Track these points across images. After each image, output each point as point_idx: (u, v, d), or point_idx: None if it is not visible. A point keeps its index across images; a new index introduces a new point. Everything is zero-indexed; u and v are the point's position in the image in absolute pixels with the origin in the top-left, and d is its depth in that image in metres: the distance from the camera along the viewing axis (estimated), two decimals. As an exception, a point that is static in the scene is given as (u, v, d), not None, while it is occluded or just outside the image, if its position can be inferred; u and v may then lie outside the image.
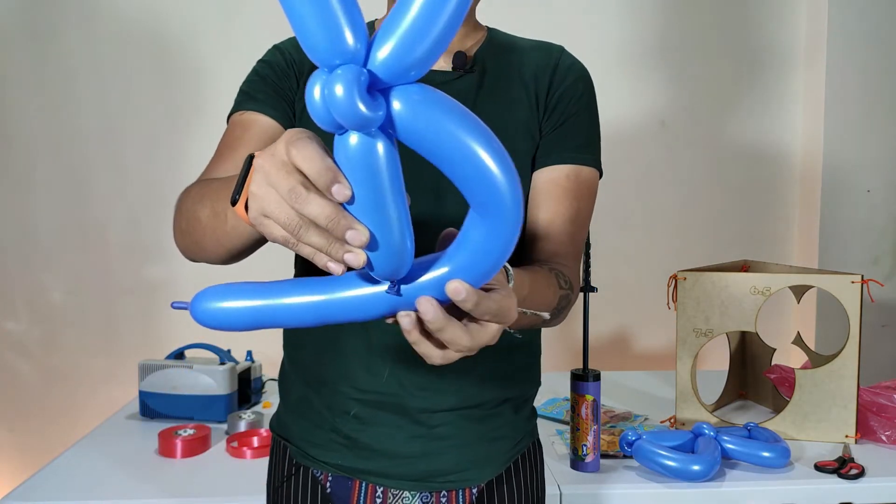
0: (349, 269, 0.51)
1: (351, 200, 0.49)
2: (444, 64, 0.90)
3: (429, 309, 0.52)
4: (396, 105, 0.45)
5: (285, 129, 0.88)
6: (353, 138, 0.46)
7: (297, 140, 0.49)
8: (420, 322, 0.54)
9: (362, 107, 0.43)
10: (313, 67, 0.91)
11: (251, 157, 0.57)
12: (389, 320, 0.56)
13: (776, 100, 2.10)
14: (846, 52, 1.99)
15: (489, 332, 0.56)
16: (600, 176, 0.93)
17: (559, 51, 0.94)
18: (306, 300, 0.56)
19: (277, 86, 0.90)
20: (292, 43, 0.93)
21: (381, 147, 0.47)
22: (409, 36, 0.43)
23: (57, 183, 1.96)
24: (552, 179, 0.89)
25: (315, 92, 0.44)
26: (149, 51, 1.95)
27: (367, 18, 0.99)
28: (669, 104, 2.07)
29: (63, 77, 1.94)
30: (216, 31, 1.95)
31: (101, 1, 1.92)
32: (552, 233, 0.87)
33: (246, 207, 0.55)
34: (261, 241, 0.68)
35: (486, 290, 0.56)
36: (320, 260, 0.51)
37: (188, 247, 0.78)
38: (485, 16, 0.98)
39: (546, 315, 0.71)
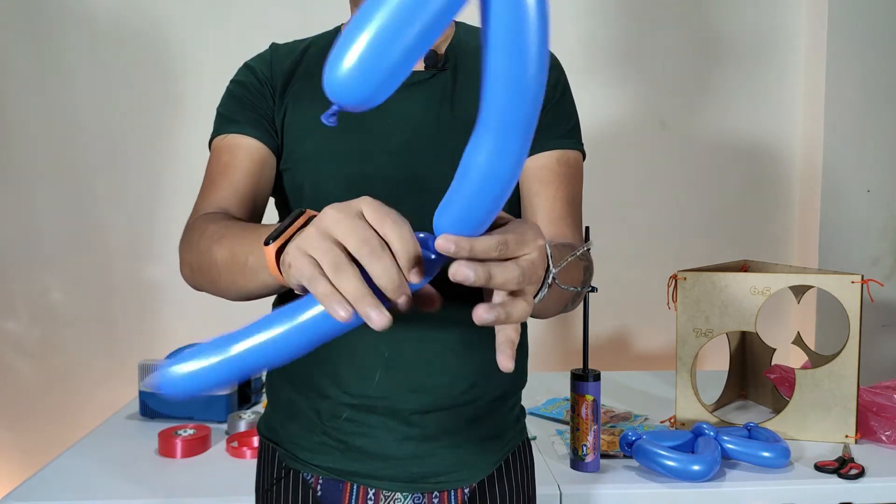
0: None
1: None
2: (417, 64, 0.90)
3: (446, 244, 0.50)
4: None
5: (270, 149, 0.89)
6: None
7: (390, 213, 0.50)
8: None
9: None
10: (286, 82, 0.92)
11: (301, 211, 0.61)
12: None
13: (776, 100, 2.09)
14: (846, 51, 1.99)
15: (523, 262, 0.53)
16: (583, 158, 0.95)
17: None
18: (279, 331, 0.53)
19: (254, 105, 0.90)
20: (262, 60, 0.94)
21: None
22: None
23: (57, 183, 1.96)
24: (544, 166, 0.90)
25: None
26: (149, 51, 1.95)
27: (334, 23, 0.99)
28: (669, 104, 2.07)
29: (63, 77, 1.94)
30: (216, 32, 1.95)
31: (101, 1, 1.93)
32: (554, 217, 0.88)
33: (277, 255, 0.58)
34: (275, 290, 0.68)
35: (499, 224, 0.55)
36: (333, 304, 0.49)
37: (200, 284, 0.79)
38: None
39: (581, 288, 0.73)
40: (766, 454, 1.26)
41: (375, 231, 0.50)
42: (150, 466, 1.32)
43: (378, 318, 0.49)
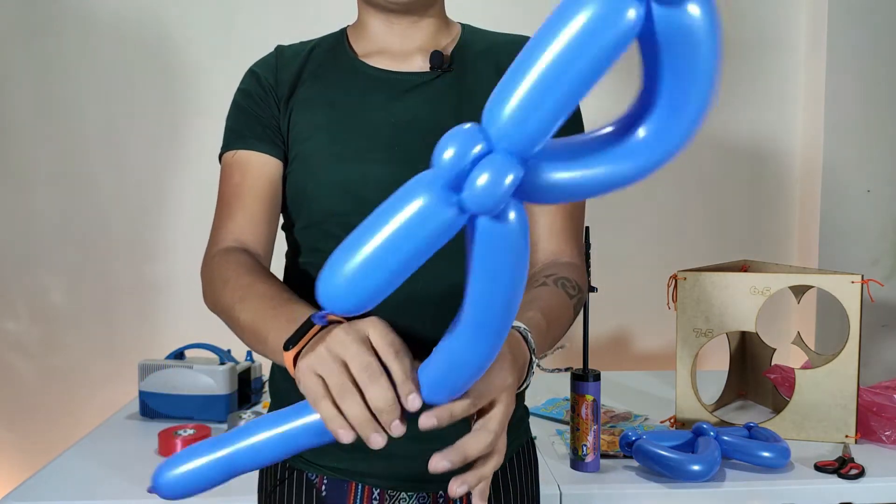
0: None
1: None
2: (422, 64, 0.90)
3: (429, 421, 0.59)
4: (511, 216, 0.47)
5: (280, 161, 0.89)
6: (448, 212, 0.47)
7: (375, 321, 0.58)
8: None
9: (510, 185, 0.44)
10: (292, 89, 0.93)
11: (310, 321, 0.65)
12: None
13: (776, 99, 2.09)
14: (846, 51, 1.98)
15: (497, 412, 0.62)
16: None
17: None
18: (275, 433, 0.61)
19: (259, 116, 0.90)
20: (266, 65, 0.93)
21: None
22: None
23: (57, 182, 1.96)
24: None
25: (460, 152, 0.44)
26: (149, 49, 1.95)
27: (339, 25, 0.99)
28: (669, 104, 2.07)
29: (63, 76, 1.94)
30: (216, 30, 1.95)
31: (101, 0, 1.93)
32: (554, 231, 0.89)
33: (296, 356, 0.63)
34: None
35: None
36: (336, 427, 0.57)
37: (220, 317, 0.83)
38: (497, 19, 0.98)
39: (566, 344, 0.79)
40: (766, 454, 1.26)
41: (377, 356, 0.57)
42: (150, 466, 1.30)
43: (376, 441, 0.57)
